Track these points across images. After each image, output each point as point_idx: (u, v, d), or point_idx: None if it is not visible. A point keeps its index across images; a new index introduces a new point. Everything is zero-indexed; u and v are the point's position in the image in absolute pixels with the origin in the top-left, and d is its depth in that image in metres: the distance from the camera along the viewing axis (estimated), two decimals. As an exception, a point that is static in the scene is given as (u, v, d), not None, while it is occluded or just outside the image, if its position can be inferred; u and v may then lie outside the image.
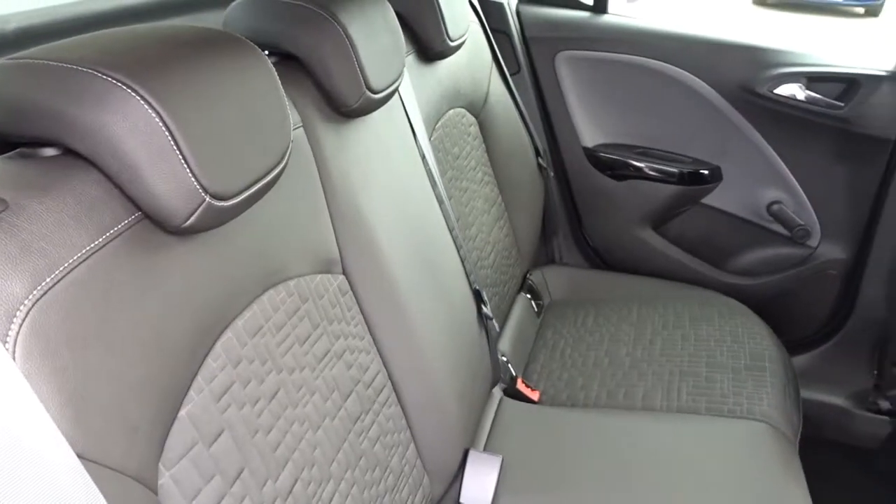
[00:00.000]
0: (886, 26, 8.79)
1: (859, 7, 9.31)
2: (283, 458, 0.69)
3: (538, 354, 1.45)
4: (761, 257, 1.66)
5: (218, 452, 0.61)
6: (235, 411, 0.64)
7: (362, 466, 0.82)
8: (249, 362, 0.67)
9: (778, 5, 9.45)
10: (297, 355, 0.75)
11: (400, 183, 1.02)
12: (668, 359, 1.35)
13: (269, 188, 0.65)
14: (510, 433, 1.16)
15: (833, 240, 1.60)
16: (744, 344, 1.36)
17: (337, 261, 0.87)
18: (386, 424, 0.89)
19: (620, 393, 1.28)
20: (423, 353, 0.96)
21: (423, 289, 0.99)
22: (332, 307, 0.83)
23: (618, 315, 1.50)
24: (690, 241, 1.69)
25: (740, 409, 1.20)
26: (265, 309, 0.71)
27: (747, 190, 1.62)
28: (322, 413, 0.77)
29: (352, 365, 0.84)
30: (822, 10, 9.47)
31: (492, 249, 1.40)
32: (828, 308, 1.65)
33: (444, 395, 0.99)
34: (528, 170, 1.58)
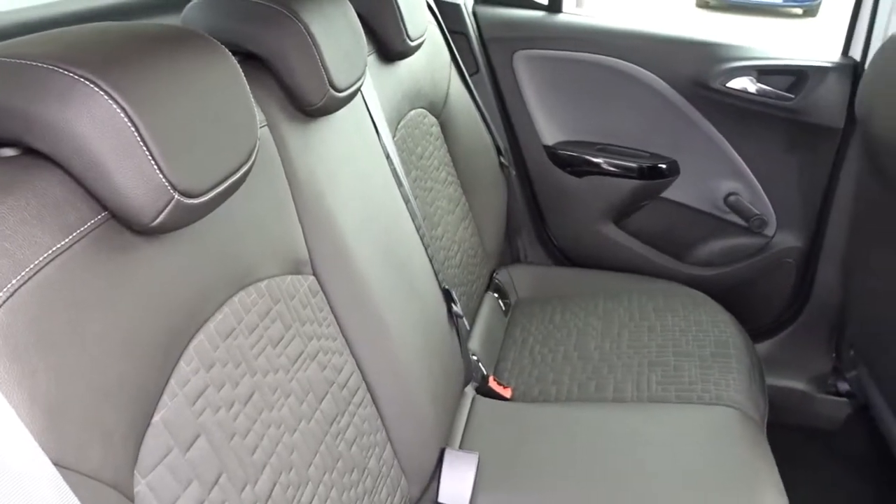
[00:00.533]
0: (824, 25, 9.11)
1: (798, 8, 9.64)
2: (260, 462, 0.67)
3: (508, 352, 1.45)
4: (720, 248, 1.70)
5: (194, 458, 0.59)
6: (210, 415, 0.62)
7: (340, 469, 0.81)
8: (223, 365, 0.65)
9: (720, 7, 9.72)
10: (271, 357, 0.73)
11: (366, 182, 1.01)
12: (636, 350, 1.36)
13: (238, 186, 0.64)
14: (484, 431, 1.16)
15: (788, 228, 1.64)
16: (708, 332, 1.39)
17: (306, 261, 0.85)
18: (362, 426, 0.88)
19: (591, 386, 1.29)
20: (396, 353, 0.95)
21: (394, 288, 0.98)
22: (304, 308, 0.82)
23: (584, 310, 1.52)
24: (651, 234, 1.72)
25: (709, 395, 1.22)
26: (237, 311, 0.69)
27: (704, 182, 1.65)
28: (298, 416, 0.75)
29: (325, 366, 0.83)
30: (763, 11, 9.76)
31: (458, 249, 1.40)
32: (786, 295, 1.69)
33: (418, 394, 0.98)
34: (490, 169, 1.59)
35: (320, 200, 0.88)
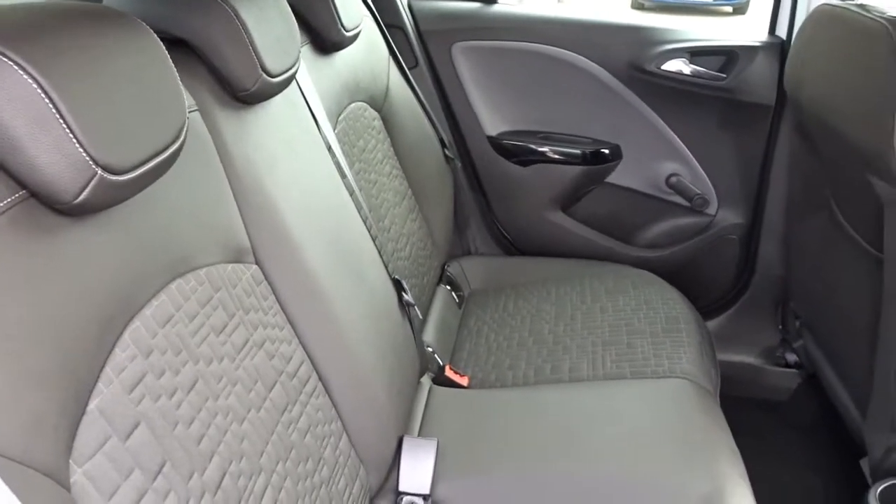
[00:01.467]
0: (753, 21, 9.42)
1: (728, 6, 9.96)
2: (208, 451, 0.65)
3: (464, 343, 1.45)
4: (666, 229, 1.73)
5: (135, 446, 0.57)
6: (151, 403, 0.60)
7: (294, 458, 0.79)
8: (162, 353, 0.63)
9: (654, 8, 9.97)
10: (214, 345, 0.71)
11: (307, 171, 0.99)
12: (590, 331, 1.37)
13: (168, 166, 0.62)
14: (443, 419, 1.15)
15: (729, 206, 1.68)
16: (658, 310, 1.41)
17: (248, 250, 0.83)
18: (315, 415, 0.86)
19: (547, 368, 1.30)
20: (347, 342, 0.93)
21: (341, 277, 0.97)
22: (248, 296, 0.80)
23: (537, 297, 1.52)
24: (599, 219, 1.74)
25: (662, 369, 1.24)
26: (175, 298, 0.67)
27: (646, 165, 1.68)
28: (246, 404, 0.73)
29: (273, 355, 0.81)
30: (696, 10, 10.05)
31: (407, 241, 1.39)
32: (732, 271, 1.73)
33: (371, 383, 0.97)
34: (435, 162, 1.59)
35: (260, 188, 0.86)
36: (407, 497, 0.98)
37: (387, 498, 1.00)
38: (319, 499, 0.82)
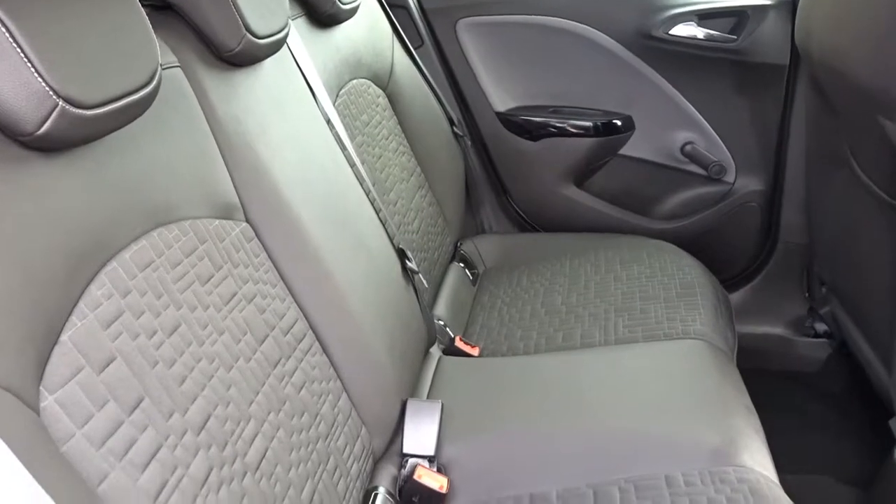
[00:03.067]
0: None
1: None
2: (190, 393, 0.65)
3: (476, 318, 1.44)
4: (683, 199, 1.69)
5: (110, 379, 0.57)
6: (128, 340, 0.61)
7: (287, 411, 0.79)
8: (141, 294, 0.64)
9: None
10: (199, 294, 0.72)
11: (301, 137, 1.00)
12: (602, 299, 1.35)
13: (139, 109, 0.63)
14: (451, 385, 1.14)
15: (748, 172, 1.64)
16: (673, 276, 1.38)
17: (237, 207, 0.84)
18: (311, 372, 0.86)
19: (559, 337, 1.28)
20: (344, 302, 0.94)
21: (337, 239, 0.97)
22: (237, 251, 0.80)
23: (551, 270, 1.50)
24: (614, 193, 1.71)
25: (675, 331, 1.21)
26: (156, 245, 0.68)
27: (660, 135, 1.65)
28: (234, 353, 0.74)
29: (265, 310, 0.81)
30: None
31: (415, 216, 1.39)
32: (754, 240, 1.69)
33: (372, 344, 0.96)
34: (444, 140, 1.58)
35: (250, 149, 0.87)
36: (412, 459, 0.98)
37: (392, 461, 0.99)
38: (316, 452, 0.82)
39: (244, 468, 0.69)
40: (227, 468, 0.66)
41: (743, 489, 0.86)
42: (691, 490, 0.87)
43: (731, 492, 0.86)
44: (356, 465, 0.90)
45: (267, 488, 0.71)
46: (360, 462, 0.91)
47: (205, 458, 0.64)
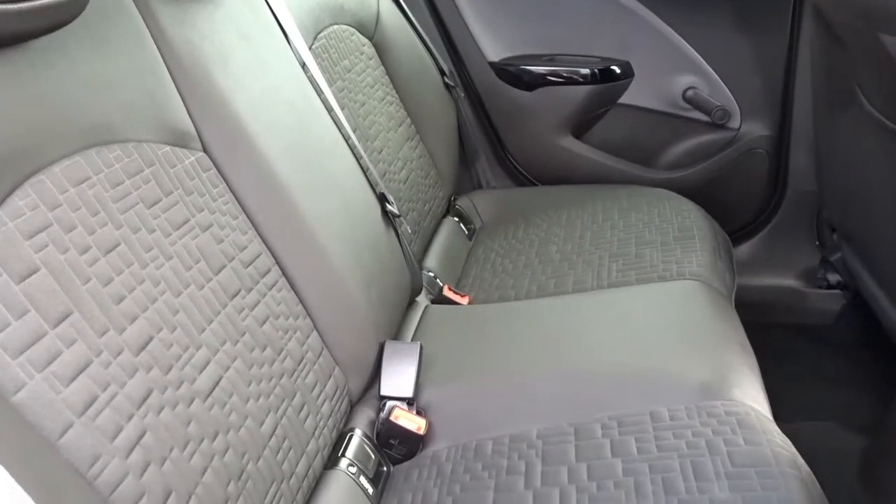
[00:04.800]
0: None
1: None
2: (129, 313, 0.63)
3: (469, 270, 1.40)
4: (686, 148, 1.63)
5: (32, 290, 0.55)
6: (55, 253, 0.58)
7: (247, 343, 0.76)
8: (73, 209, 0.61)
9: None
10: (144, 216, 0.69)
11: (270, 72, 0.97)
12: (597, 246, 1.31)
13: (63, 16, 0.60)
14: (435, 332, 1.11)
15: (754, 117, 1.57)
16: (671, 221, 1.33)
17: (193, 136, 0.81)
18: (276, 307, 0.83)
19: (551, 284, 1.24)
20: (314, 239, 0.90)
21: (306, 176, 0.94)
22: (190, 179, 0.77)
23: (547, 222, 1.46)
24: (615, 144, 1.66)
25: (670, 273, 1.16)
26: (93, 162, 0.65)
27: (660, 81, 1.59)
28: (184, 280, 0.71)
29: (222, 240, 0.79)
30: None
31: (403, 166, 1.35)
32: (762, 188, 1.62)
33: (345, 283, 0.93)
34: (435, 91, 1.54)
35: (207, 77, 0.84)
36: (390, 402, 0.95)
37: (370, 404, 0.96)
38: (280, 387, 0.79)
39: (192, 394, 0.66)
40: (170, 391, 0.64)
41: (731, 421, 0.81)
42: (675, 424, 0.83)
43: (718, 424, 0.81)
44: (328, 404, 0.87)
45: (220, 416, 0.68)
46: (332, 401, 0.88)
47: (144, 379, 0.61)
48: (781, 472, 0.73)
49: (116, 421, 0.57)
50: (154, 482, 0.58)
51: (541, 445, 0.86)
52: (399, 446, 0.93)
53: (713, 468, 0.75)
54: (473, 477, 0.85)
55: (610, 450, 0.82)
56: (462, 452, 0.89)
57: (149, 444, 0.59)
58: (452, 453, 0.90)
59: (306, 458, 0.80)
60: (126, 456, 0.57)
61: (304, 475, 0.79)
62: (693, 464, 0.76)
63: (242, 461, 0.69)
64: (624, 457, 0.80)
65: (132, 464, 0.57)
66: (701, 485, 0.74)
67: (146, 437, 0.59)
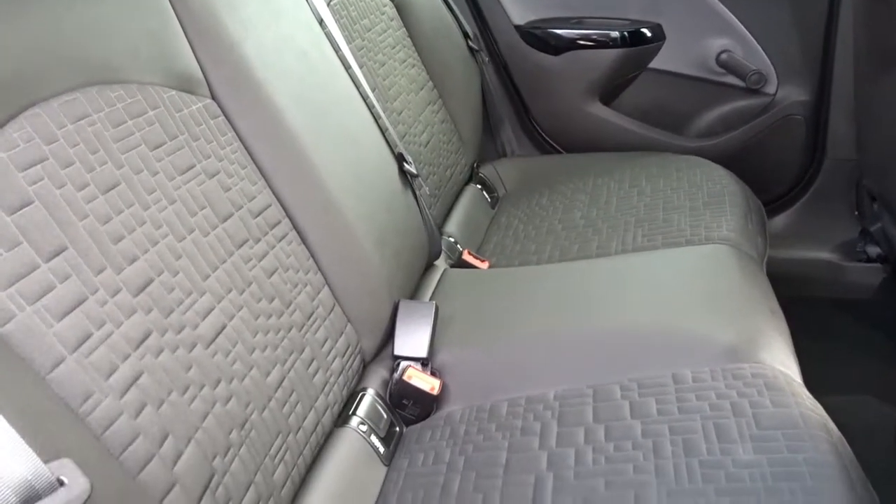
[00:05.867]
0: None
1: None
2: (129, 253, 0.61)
3: (491, 237, 1.37)
4: (719, 114, 1.57)
5: (24, 223, 0.53)
6: (51, 187, 0.56)
7: (254, 293, 0.74)
8: (71, 145, 0.60)
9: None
10: (146, 158, 0.67)
11: (281, 20, 0.94)
12: (623, 212, 1.26)
13: None
14: (452, 294, 1.08)
15: (791, 81, 1.50)
16: (701, 187, 1.28)
17: (200, 81, 0.79)
18: (286, 260, 0.81)
19: (574, 249, 1.20)
20: (325, 193, 0.88)
21: (318, 128, 0.91)
22: (197, 125, 0.75)
23: (572, 189, 1.42)
24: (644, 110, 1.60)
25: (698, 237, 1.12)
26: (93, 100, 0.63)
27: (692, 44, 1.53)
28: (188, 225, 0.69)
29: (230, 188, 0.77)
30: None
31: (424, 129, 1.32)
32: (799, 156, 1.56)
33: (358, 238, 0.91)
34: (459, 55, 1.50)
35: (217, 23, 0.82)
36: (403, 362, 0.92)
37: (383, 364, 0.94)
38: (288, 339, 0.77)
39: (194, 339, 0.64)
40: (170, 334, 0.62)
41: (757, 384, 0.77)
42: (699, 386, 0.79)
43: (744, 386, 0.77)
44: (339, 360, 0.85)
45: (223, 364, 0.67)
46: (343, 358, 0.86)
47: (142, 320, 0.60)
48: (810, 435, 0.69)
49: (111, 360, 0.55)
50: (150, 423, 0.56)
51: (557, 407, 0.83)
52: (412, 407, 0.90)
53: (737, 430, 0.71)
54: (487, 437, 0.82)
55: (629, 411, 0.78)
56: (476, 413, 0.86)
57: (146, 385, 0.58)
58: (466, 414, 0.87)
59: (315, 413, 0.78)
60: (121, 396, 0.55)
61: (311, 430, 0.77)
62: (716, 425, 0.73)
63: (246, 410, 0.68)
64: (643, 418, 0.77)
65: (127, 403, 0.55)
66: (724, 446, 0.70)
67: (143, 378, 0.58)
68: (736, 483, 0.65)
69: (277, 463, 0.70)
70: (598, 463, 0.73)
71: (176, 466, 0.57)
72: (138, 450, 0.54)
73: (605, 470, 0.71)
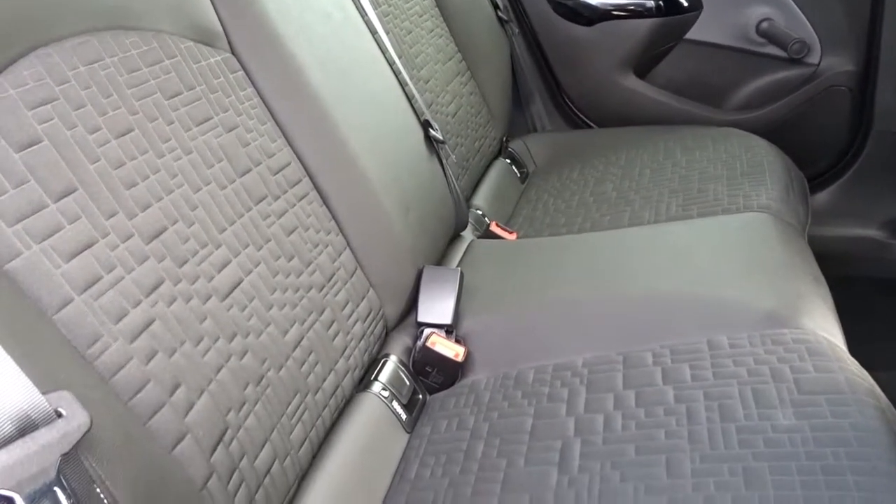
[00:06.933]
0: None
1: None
2: (142, 199, 0.59)
3: (521, 211, 1.34)
4: (759, 86, 1.51)
5: (32, 161, 0.52)
6: (61, 128, 0.55)
7: (272, 250, 0.72)
8: (83, 87, 0.58)
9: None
10: (162, 106, 0.65)
11: None
12: (657, 183, 1.22)
13: None
14: (480, 264, 1.05)
15: (836, 51, 1.44)
16: (740, 157, 1.23)
17: (219, 35, 0.77)
18: (306, 220, 0.79)
19: (605, 220, 1.16)
20: (348, 154, 0.86)
21: (342, 88, 0.89)
22: (215, 78, 0.74)
23: (604, 162, 1.38)
24: (681, 83, 1.55)
25: (736, 206, 1.07)
26: (107, 44, 0.62)
27: (731, 13, 1.47)
28: (204, 176, 0.67)
29: (248, 143, 0.75)
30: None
31: (452, 99, 1.29)
32: (844, 130, 1.49)
33: (381, 202, 0.88)
34: (488, 26, 1.47)
35: None
36: (427, 329, 0.90)
37: (406, 331, 0.92)
38: (308, 299, 0.75)
39: (209, 291, 0.63)
40: (184, 284, 0.60)
41: (799, 349, 0.73)
42: (736, 352, 0.75)
43: (785, 352, 0.73)
44: (360, 324, 0.83)
45: (239, 318, 0.65)
46: (365, 323, 0.84)
47: (154, 268, 0.58)
48: (856, 400, 0.65)
49: (121, 304, 0.54)
50: (161, 371, 0.55)
51: (586, 374, 0.80)
52: (436, 374, 0.88)
53: (777, 395, 0.67)
54: (512, 404, 0.79)
55: (661, 377, 0.75)
56: (502, 381, 0.84)
57: (157, 332, 0.56)
58: (492, 382, 0.84)
59: (334, 375, 0.76)
60: (131, 341, 0.53)
61: (331, 392, 0.75)
62: (754, 391, 0.69)
63: (262, 367, 0.66)
64: (676, 384, 0.73)
65: (137, 349, 0.54)
66: (762, 412, 0.66)
67: (154, 326, 0.56)
68: (775, 448, 0.61)
69: (295, 423, 0.68)
70: (627, 429, 0.69)
71: (188, 417, 0.56)
72: (149, 397, 0.53)
73: (636, 435, 0.68)
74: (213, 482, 0.56)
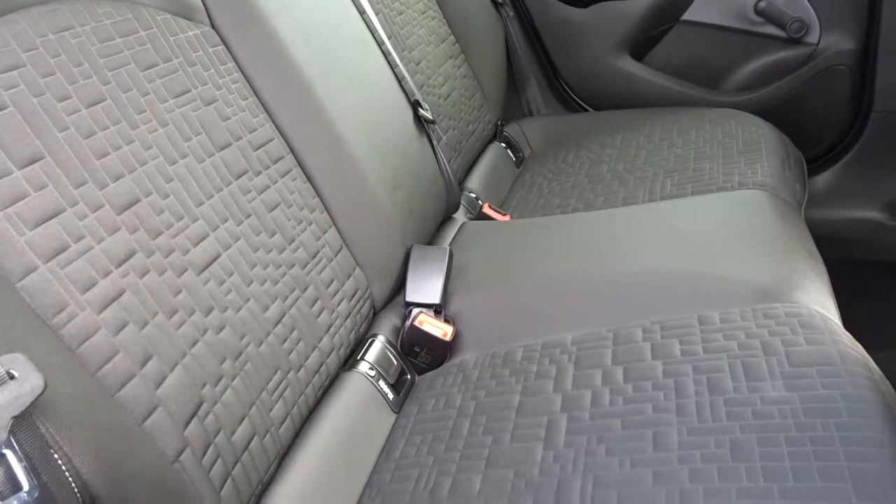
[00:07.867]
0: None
1: None
2: (113, 170, 0.58)
3: (515, 194, 1.32)
4: (758, 67, 1.49)
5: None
6: (28, 95, 0.54)
7: (253, 225, 0.71)
8: (52, 56, 0.57)
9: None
10: (136, 78, 0.64)
11: None
12: (651, 164, 1.20)
13: None
14: (471, 245, 1.04)
15: (835, 29, 1.41)
16: (736, 136, 1.21)
17: (198, 8, 0.76)
18: (289, 196, 0.78)
19: (599, 201, 1.15)
20: (333, 130, 0.84)
21: (326, 65, 0.87)
22: (194, 51, 0.73)
23: (600, 144, 1.36)
24: (678, 65, 1.53)
25: (731, 184, 1.05)
26: (77, 12, 0.61)
27: (729, -9, 1.45)
28: (181, 149, 0.66)
29: (228, 118, 0.74)
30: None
31: (444, 82, 1.28)
32: (844, 110, 1.46)
33: (367, 180, 0.87)
34: (483, 8, 1.45)
35: None
36: (415, 309, 0.88)
37: (394, 311, 0.90)
38: (290, 276, 0.74)
39: (184, 264, 0.62)
40: (158, 256, 0.59)
41: (791, 322, 0.71)
42: (727, 326, 0.73)
43: (776, 325, 0.71)
44: (346, 303, 0.82)
45: (217, 292, 0.64)
46: (351, 302, 0.83)
47: (126, 239, 0.57)
48: (849, 371, 0.63)
49: (89, 274, 0.53)
50: (131, 343, 0.54)
51: (575, 350, 0.78)
52: (424, 354, 0.87)
53: (767, 368, 0.66)
54: (500, 382, 0.78)
55: (650, 352, 0.73)
56: (490, 360, 0.82)
57: (128, 303, 0.55)
58: (480, 361, 0.83)
59: (318, 353, 0.75)
60: (99, 311, 0.52)
61: (315, 370, 0.74)
62: (744, 364, 0.67)
63: (241, 342, 0.65)
64: (665, 359, 0.72)
65: (105, 320, 0.52)
66: (752, 384, 0.64)
67: (125, 297, 0.55)
68: (764, 420, 0.60)
69: (276, 399, 0.67)
70: (614, 404, 0.68)
71: (159, 389, 0.55)
72: (117, 367, 0.52)
73: (623, 410, 0.67)
74: (187, 455, 0.55)
